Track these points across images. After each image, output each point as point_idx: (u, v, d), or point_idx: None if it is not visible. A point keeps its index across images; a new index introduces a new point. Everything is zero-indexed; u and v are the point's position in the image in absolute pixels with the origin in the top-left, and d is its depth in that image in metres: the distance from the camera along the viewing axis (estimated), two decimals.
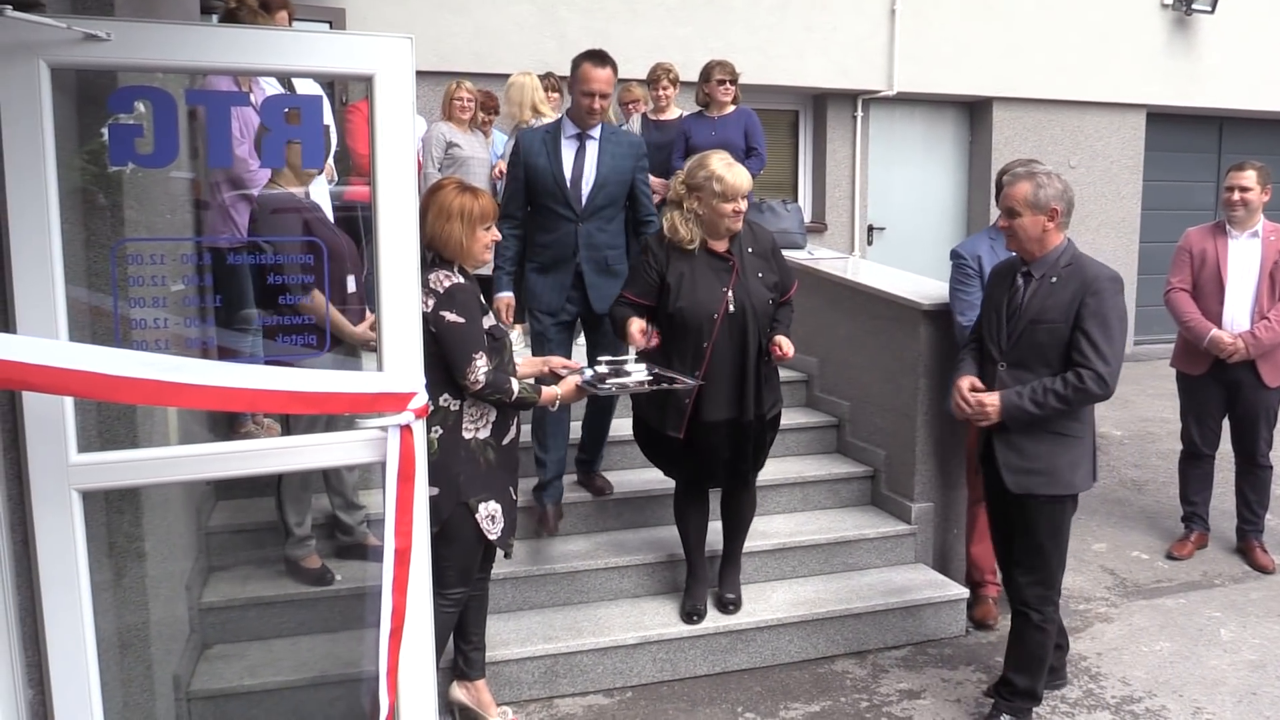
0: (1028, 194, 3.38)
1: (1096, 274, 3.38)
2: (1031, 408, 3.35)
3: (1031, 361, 3.41)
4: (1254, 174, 4.99)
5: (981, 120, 9.96)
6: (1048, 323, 3.37)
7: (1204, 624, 4.60)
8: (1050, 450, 3.42)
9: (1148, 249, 10.48)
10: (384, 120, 2.39)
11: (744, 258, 3.89)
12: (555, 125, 4.39)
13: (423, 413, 2.48)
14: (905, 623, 4.43)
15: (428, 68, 7.14)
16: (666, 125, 6.61)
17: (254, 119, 3.81)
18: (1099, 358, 3.31)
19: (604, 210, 4.30)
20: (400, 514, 2.46)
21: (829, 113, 9.44)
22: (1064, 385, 3.32)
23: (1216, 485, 5.41)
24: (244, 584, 4.10)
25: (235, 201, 4.12)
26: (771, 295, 3.91)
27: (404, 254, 2.41)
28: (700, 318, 3.81)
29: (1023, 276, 3.47)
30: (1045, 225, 3.39)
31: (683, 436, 3.92)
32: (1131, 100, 10.24)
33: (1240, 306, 4.97)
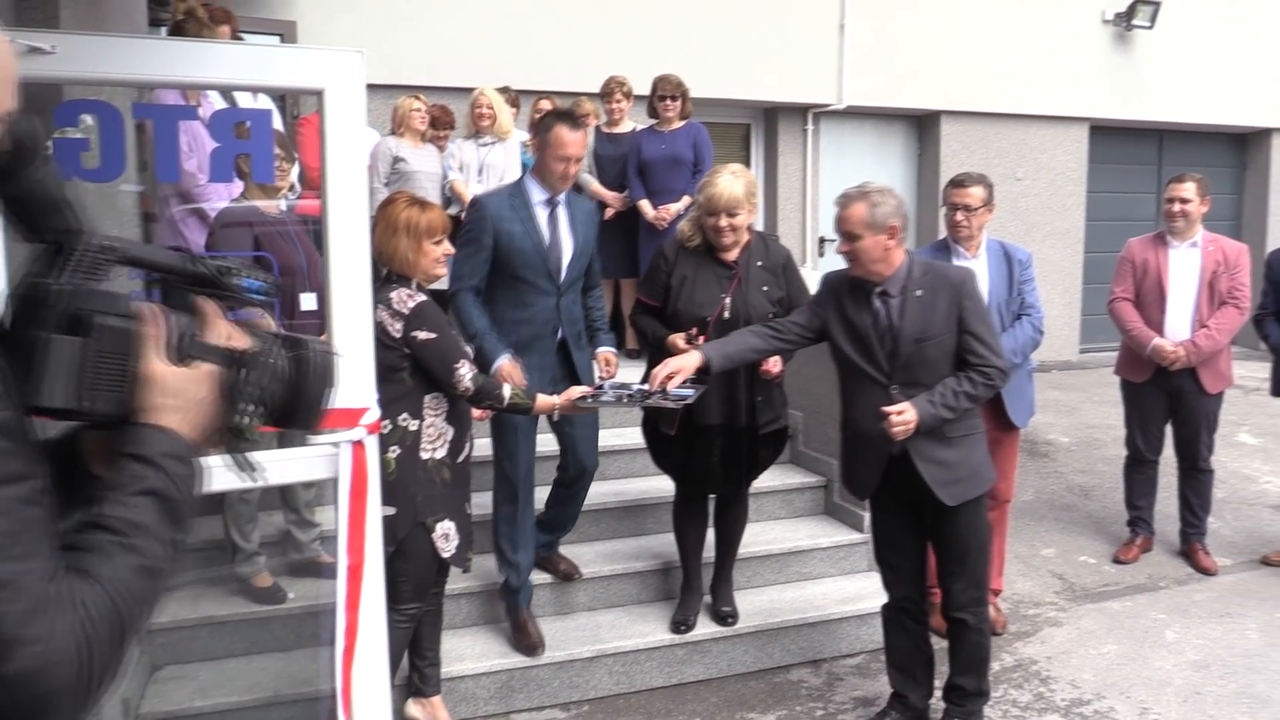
0: (864, 215, 3.27)
1: (960, 276, 3.39)
2: (947, 414, 3.28)
3: (925, 378, 3.32)
4: (1193, 186, 5.10)
5: (930, 133, 10.10)
6: (933, 337, 3.31)
7: (1149, 626, 4.68)
8: (968, 453, 3.42)
9: (1092, 259, 10.66)
10: (334, 134, 2.38)
11: (750, 269, 3.91)
12: (516, 188, 3.94)
13: (374, 428, 2.47)
14: (859, 631, 4.47)
15: (380, 80, 7.10)
16: (620, 139, 6.63)
17: (202, 133, 3.78)
18: (993, 353, 3.32)
19: (577, 282, 3.99)
20: (352, 530, 2.44)
21: (780, 126, 9.52)
22: (973, 385, 3.29)
23: (1160, 490, 5.52)
24: (195, 604, 4.04)
25: (184, 216, 4.07)
26: (774, 309, 3.90)
27: (355, 268, 2.40)
28: (694, 321, 3.83)
29: (879, 298, 3.36)
30: (886, 244, 3.29)
31: (674, 432, 3.97)
32: (1075, 114, 10.44)
33: (1181, 315, 5.08)
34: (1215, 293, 5.04)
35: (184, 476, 1.15)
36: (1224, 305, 5.02)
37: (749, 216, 3.88)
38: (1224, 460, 6.58)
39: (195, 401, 1.19)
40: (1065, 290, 10.48)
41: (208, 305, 1.26)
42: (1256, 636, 4.57)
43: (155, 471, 1.12)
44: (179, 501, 1.13)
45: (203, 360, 1.21)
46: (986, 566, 3.57)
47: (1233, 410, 7.40)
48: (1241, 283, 5.05)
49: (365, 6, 7.69)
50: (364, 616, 2.46)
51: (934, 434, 3.34)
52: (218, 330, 1.25)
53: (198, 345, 1.22)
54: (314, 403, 1.32)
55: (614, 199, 6.59)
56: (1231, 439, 7.34)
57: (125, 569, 1.05)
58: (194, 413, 1.19)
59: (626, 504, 4.83)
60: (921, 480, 3.36)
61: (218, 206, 3.99)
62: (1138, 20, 10.25)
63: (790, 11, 9.05)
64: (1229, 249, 5.11)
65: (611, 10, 8.42)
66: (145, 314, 1.18)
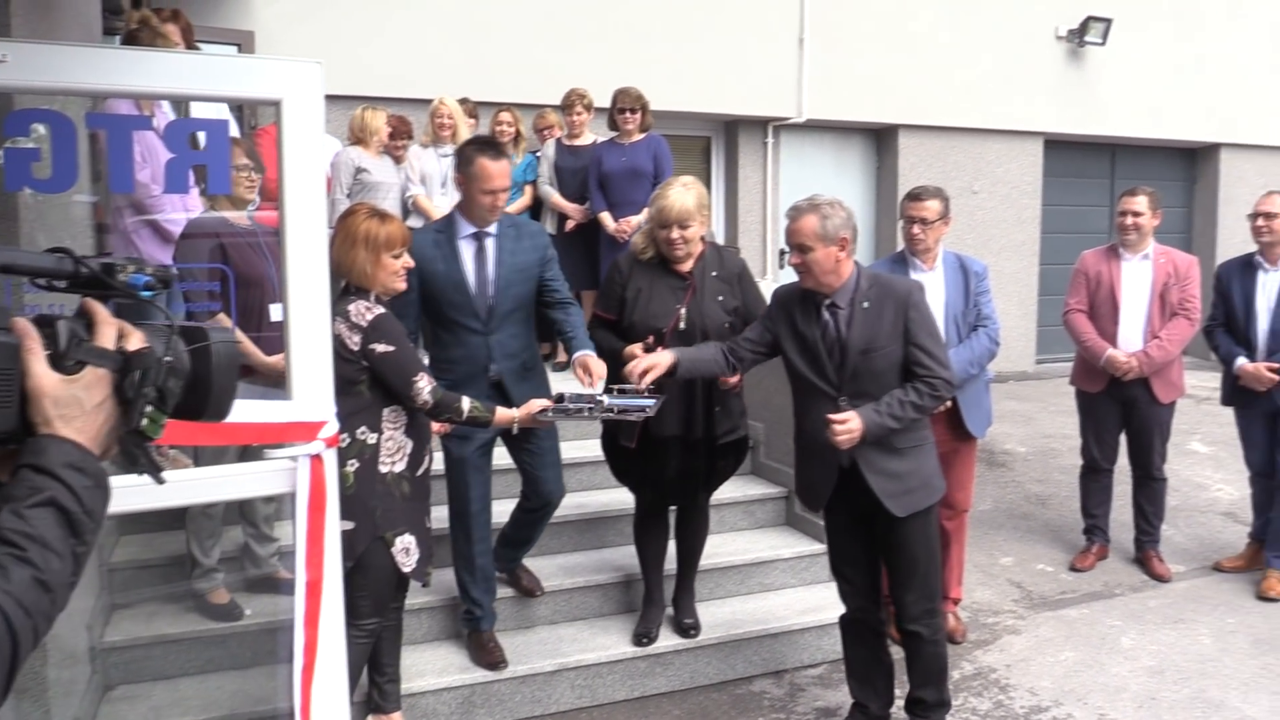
0: (815, 227, 3.28)
1: (907, 288, 3.40)
2: (892, 423, 3.28)
3: (872, 389, 3.32)
4: (1145, 199, 5.19)
5: (888, 147, 10.21)
6: (879, 349, 3.32)
7: (1106, 633, 4.74)
8: (918, 464, 3.43)
9: (1047, 271, 10.83)
10: (292, 145, 2.35)
11: (704, 279, 3.91)
12: (446, 223, 3.84)
13: (333, 442, 2.44)
14: (821, 641, 4.48)
15: (338, 91, 7.06)
16: (581, 150, 6.63)
17: (156, 143, 3.73)
18: (939, 364, 3.33)
19: (513, 314, 3.83)
20: (311, 545, 2.40)
21: (740, 139, 9.59)
22: (920, 396, 3.29)
23: (1115, 498, 5.59)
24: (149, 621, 3.97)
25: (138, 227, 4.01)
26: (729, 319, 3.91)
27: (313, 279, 2.37)
28: (650, 332, 3.83)
29: (828, 310, 3.37)
30: (838, 256, 3.30)
31: (634, 446, 3.96)
32: (1030, 128, 10.61)
33: (1134, 326, 5.16)
34: (1167, 304, 5.13)
35: (85, 488, 1.11)
36: (1175, 316, 5.11)
37: (701, 228, 3.89)
38: (1177, 468, 6.70)
39: (90, 408, 1.15)
40: (1021, 302, 10.64)
41: (95, 306, 1.22)
42: (1209, 641, 4.64)
43: (53, 483, 1.09)
44: (79, 513, 1.09)
45: (94, 365, 1.17)
46: (938, 577, 3.59)
47: (1185, 419, 7.53)
48: (1192, 294, 5.15)
49: (323, 17, 7.65)
50: (323, 633, 2.42)
51: (883, 445, 3.35)
52: (106, 332, 1.20)
53: (86, 349, 1.17)
54: (220, 395, 1.29)
55: (575, 211, 6.59)
56: (1184, 448, 7.47)
57: (19, 582, 1.02)
58: (91, 420, 1.15)
59: (588, 517, 4.82)
60: (872, 492, 3.38)
61: (172, 218, 3.94)
62: (1090, 37, 10.45)
63: (750, 26, 9.13)
64: (1179, 261, 5.20)
65: (572, 23, 8.44)
66: (18, 326, 1.14)
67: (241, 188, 3.91)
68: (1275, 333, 5.04)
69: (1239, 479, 6.12)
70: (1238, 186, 11.68)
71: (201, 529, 3.98)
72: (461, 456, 3.83)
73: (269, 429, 2.39)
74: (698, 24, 8.91)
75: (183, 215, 3.89)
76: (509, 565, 4.36)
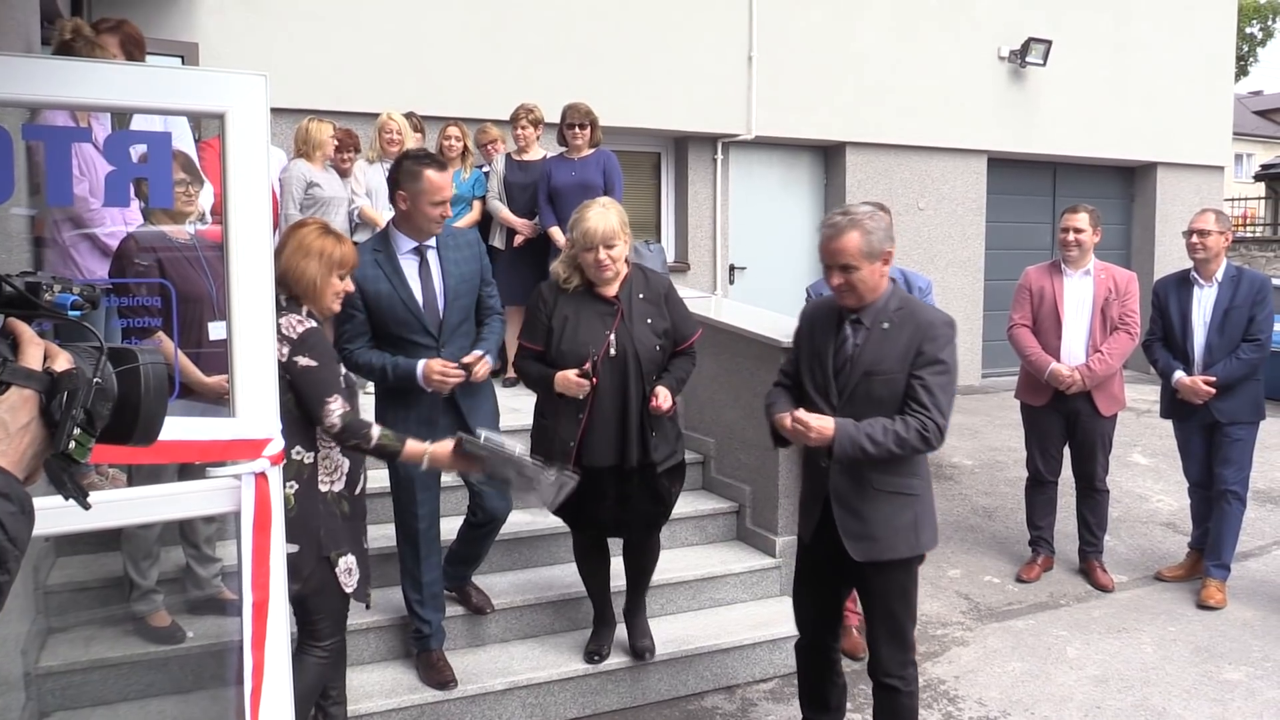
0: (860, 245, 3.05)
1: (932, 319, 3.14)
2: (868, 445, 3.04)
3: (868, 414, 3.10)
4: (1086, 216, 5.31)
5: (835, 164, 10.33)
6: (884, 374, 3.10)
7: (1052, 643, 4.81)
8: (891, 513, 3.17)
9: (992, 286, 11.01)
10: (236, 159, 2.33)
11: (631, 303, 3.81)
12: (382, 241, 3.78)
13: (278, 459, 2.41)
14: (773, 656, 4.50)
15: (284, 105, 6.99)
16: (530, 165, 6.64)
17: (95, 156, 3.66)
18: (937, 409, 3.06)
19: (462, 326, 3.82)
20: (256, 565, 2.37)
21: (690, 155, 9.64)
22: (905, 429, 3.03)
23: (1060, 510, 5.69)
24: (87, 646, 3.87)
25: (76, 241, 3.93)
26: (660, 341, 3.82)
27: (257, 295, 2.34)
28: (580, 361, 3.71)
29: (852, 325, 3.17)
30: (881, 272, 3.12)
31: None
32: (973, 146, 10.79)
33: (1076, 340, 5.27)
34: (1108, 319, 5.24)
35: (9, 514, 1.07)
36: (1116, 331, 5.23)
37: (625, 248, 3.80)
38: (1119, 480, 6.83)
39: (15, 431, 1.12)
40: (967, 317, 10.80)
41: (19, 326, 1.19)
42: (1151, 650, 4.73)
43: None
44: (3, 540, 1.06)
45: (19, 386, 1.14)
46: (912, 630, 3.38)
47: (1126, 432, 7.70)
48: (1131, 309, 5.27)
49: (268, 29, 7.58)
50: (270, 655, 2.38)
51: (859, 480, 3.16)
52: (32, 352, 1.17)
53: (11, 370, 1.14)
54: (148, 418, 1.26)
55: (524, 226, 6.58)
56: (1125, 460, 7.62)
57: None
58: (15, 443, 1.12)
59: (539, 533, 4.79)
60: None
61: (111, 231, 3.87)
62: (1031, 58, 10.67)
63: (700, 42, 9.20)
64: (1119, 277, 5.32)
65: (521, 37, 8.44)
66: None
67: (180, 202, 3.85)
68: (1211, 347, 5.17)
69: (1178, 490, 6.26)
70: (1174, 204, 12.00)
71: (137, 550, 3.90)
72: (410, 474, 3.76)
73: (212, 446, 2.35)
74: (648, 40, 8.96)
75: (123, 229, 3.82)
76: (458, 583, 4.31)
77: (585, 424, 3.75)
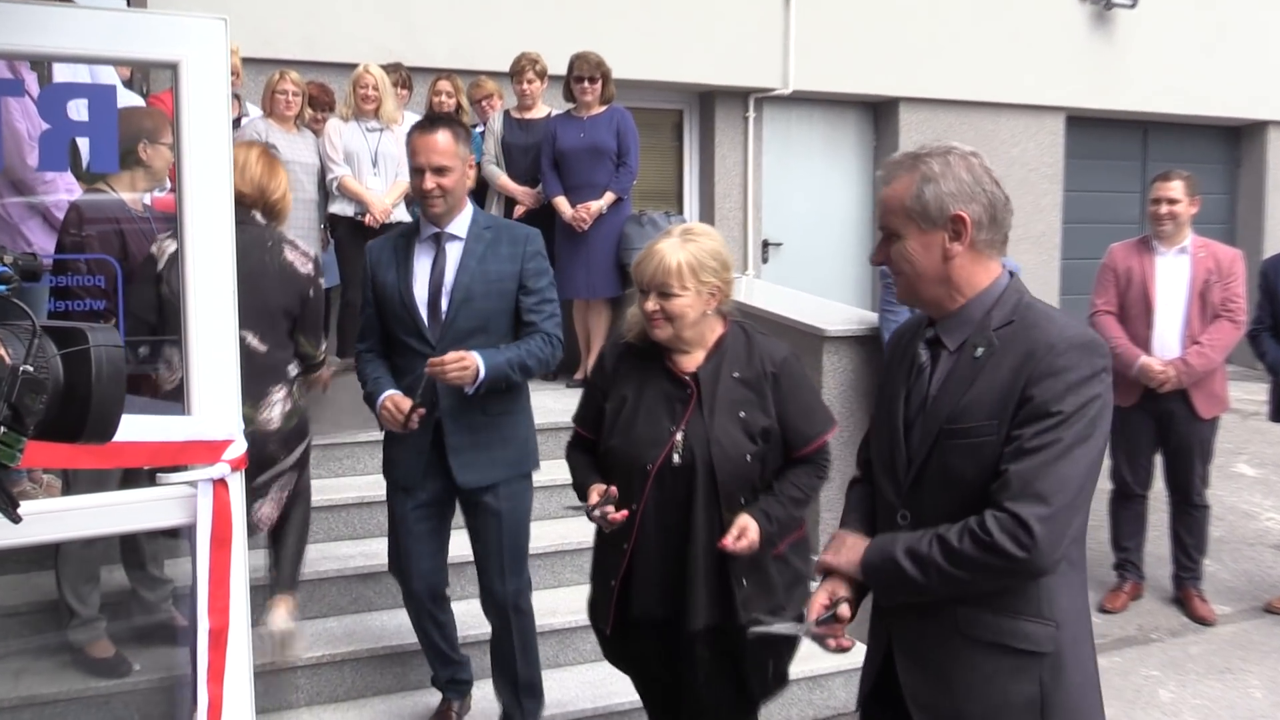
0: (906, 197, 2.19)
1: (1051, 339, 2.10)
2: (909, 566, 2.11)
3: (944, 504, 2.15)
4: (1180, 184, 5.27)
5: (887, 123, 10.28)
6: (967, 431, 2.13)
7: (1141, 684, 4.78)
8: (992, 677, 2.15)
9: (1070, 266, 10.94)
10: (191, 116, 2.34)
11: (717, 384, 3.00)
12: (412, 227, 3.75)
13: (239, 464, 2.42)
14: (811, 695, 4.49)
15: (250, 54, 7.00)
16: (533, 125, 6.64)
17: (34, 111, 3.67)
18: (1032, 498, 2.01)
19: (473, 338, 3.52)
20: (214, 587, 2.38)
21: (717, 113, 9.61)
22: (960, 537, 2.06)
23: (1150, 528, 5.65)
24: (16, 680, 3.90)
25: (21, 214, 3.94)
26: (754, 447, 2.97)
27: (216, 272, 2.35)
28: (632, 467, 3.01)
29: (927, 346, 2.27)
30: (947, 248, 2.18)
31: (609, 632, 3.14)
32: (1049, 102, 10.72)
33: (1170, 330, 5.23)
34: (1208, 305, 5.20)
35: None
36: (1217, 319, 5.19)
37: (700, 301, 2.98)
38: (1220, 494, 6.78)
39: None
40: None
41: None
42: (1261, 695, 4.70)
43: None
44: None
45: None
46: None
47: (1229, 437, 7.63)
48: (1236, 293, 5.22)
49: None
50: (230, 691, 2.40)
51: (939, 620, 2.19)
52: None
53: None
54: (102, 411, 1.23)
55: (524, 195, 6.58)
56: (1228, 470, 7.57)
57: None
58: None
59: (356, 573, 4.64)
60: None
61: (60, 201, 3.87)
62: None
63: None
64: (1222, 256, 5.28)
65: None
66: None
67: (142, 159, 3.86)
68: None
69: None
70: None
71: (76, 572, 3.91)
72: (401, 514, 3.72)
73: (163, 449, 2.36)
74: None
75: (66, 197, 3.83)
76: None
77: (629, 557, 3.05)
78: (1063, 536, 2.04)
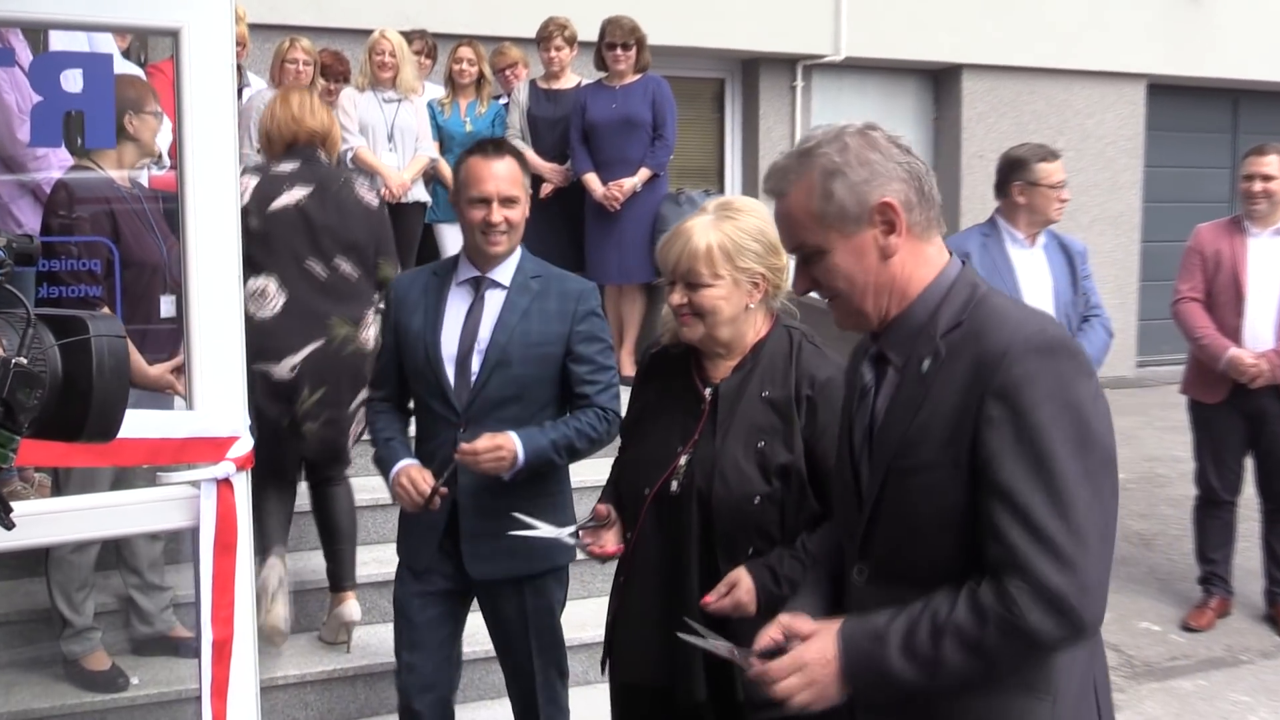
0: (812, 202, 1.89)
1: (1007, 342, 1.78)
2: (908, 671, 1.78)
3: (909, 557, 1.89)
4: (1277, 159, 5.20)
5: (948, 92, 10.22)
6: (918, 468, 1.85)
7: (1229, 710, 4.74)
8: None
9: (1151, 249, 10.85)
10: (194, 87, 2.35)
11: (738, 402, 2.64)
12: (449, 264, 3.40)
13: (245, 463, 2.43)
14: None
15: (257, 19, 7.03)
16: (561, 96, 6.63)
17: (24, 83, 3.71)
18: (1042, 541, 1.70)
19: (506, 408, 3.18)
20: (218, 596, 2.40)
21: (761, 82, 9.59)
22: (970, 612, 1.74)
23: (1240, 538, 5.59)
24: (6, 693, 3.96)
25: (12, 193, 3.98)
26: (767, 489, 2.56)
27: (221, 255, 2.37)
28: (633, 488, 2.76)
29: (871, 364, 2.03)
30: (884, 245, 1.89)
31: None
32: (1129, 69, 10.62)
33: (1263, 319, 5.16)
34: None
35: None
36: None
37: (738, 293, 2.62)
38: None
39: None
40: (1118, 289, 10.64)
41: None
42: None
43: None
44: None
45: None
46: None
47: None
48: None
49: None
50: (234, 706, 2.42)
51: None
52: None
53: None
54: (104, 407, 1.23)
55: (552, 172, 6.58)
56: None
57: None
58: None
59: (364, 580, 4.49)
60: None
61: (54, 177, 3.90)
62: None
63: None
64: None
65: None
66: None
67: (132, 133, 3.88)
68: None
69: None
70: None
71: (69, 579, 3.95)
72: (404, 599, 3.36)
73: (163, 446, 2.38)
74: None
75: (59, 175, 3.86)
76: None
77: (618, 607, 2.83)
78: (1102, 591, 1.76)
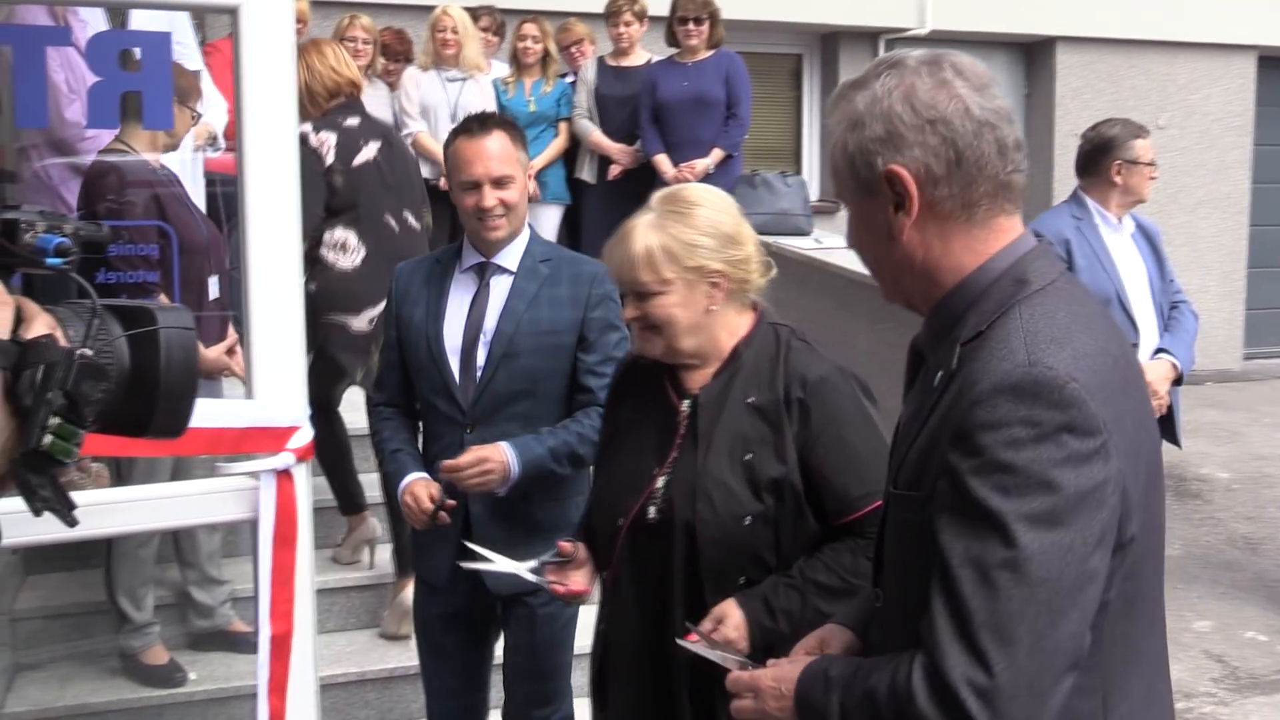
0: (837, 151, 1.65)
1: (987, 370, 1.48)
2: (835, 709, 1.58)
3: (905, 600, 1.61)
4: None
5: (1042, 66, 10.10)
6: (902, 501, 1.67)
7: None
8: None
9: (1260, 234, 10.64)
10: (253, 66, 2.39)
11: (721, 412, 2.38)
12: (452, 252, 3.25)
13: (305, 454, 2.47)
14: None
15: None
16: (630, 74, 6.64)
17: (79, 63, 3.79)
18: (960, 621, 1.42)
19: (516, 404, 3.06)
20: (278, 590, 2.44)
21: (841, 58, 9.54)
22: (888, 683, 1.49)
23: None
24: (63, 687, 4.03)
25: (63, 175, 4.04)
26: (759, 508, 2.30)
27: (281, 240, 2.41)
28: (606, 519, 2.51)
29: (912, 357, 1.82)
30: (891, 223, 1.60)
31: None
32: (1237, 40, 10.44)
33: None
34: None
35: None
36: None
37: (694, 297, 2.35)
38: None
39: None
40: (1225, 275, 10.45)
41: None
42: None
43: None
44: None
45: None
46: None
47: None
48: None
49: None
50: (293, 704, 2.46)
51: None
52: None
53: None
54: (172, 402, 1.23)
55: (621, 153, 6.59)
56: None
57: None
58: None
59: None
60: None
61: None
62: None
63: None
64: None
65: None
66: None
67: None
68: None
69: None
70: None
71: (132, 574, 4.00)
72: (425, 618, 3.28)
73: (222, 436, 2.43)
74: None
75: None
76: None
77: (601, 643, 2.62)
78: (1029, 706, 1.39)
